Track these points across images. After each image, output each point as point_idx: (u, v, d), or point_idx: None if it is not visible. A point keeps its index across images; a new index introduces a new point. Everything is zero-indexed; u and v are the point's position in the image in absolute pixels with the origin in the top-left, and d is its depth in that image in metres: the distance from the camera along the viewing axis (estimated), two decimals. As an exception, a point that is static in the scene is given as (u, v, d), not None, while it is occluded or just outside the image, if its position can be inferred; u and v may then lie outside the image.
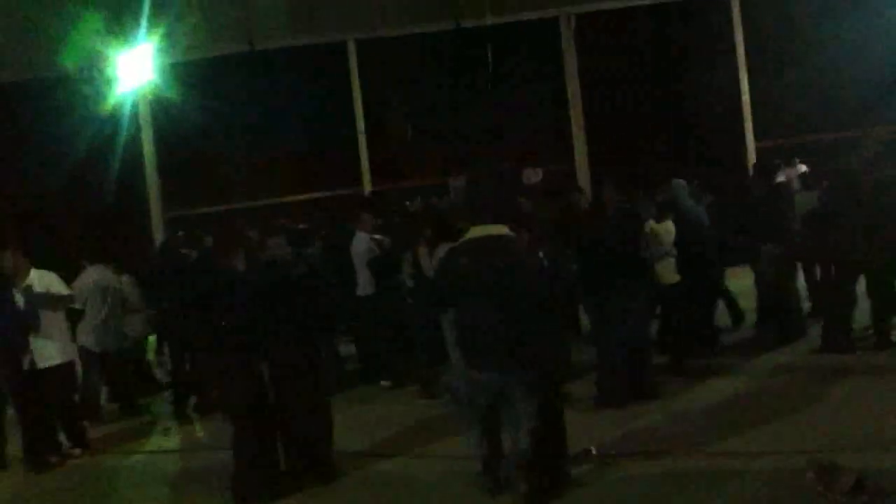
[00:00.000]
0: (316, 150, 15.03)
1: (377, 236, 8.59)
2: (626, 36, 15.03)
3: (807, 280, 9.20)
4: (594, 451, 5.70)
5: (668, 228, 7.70)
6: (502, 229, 4.98)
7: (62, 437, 7.24)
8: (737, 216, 8.77)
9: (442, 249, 7.00)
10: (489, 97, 14.34)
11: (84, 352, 8.29)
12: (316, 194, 15.02)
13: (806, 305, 8.81)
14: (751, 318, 9.01)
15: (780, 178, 12.64)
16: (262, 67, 14.39)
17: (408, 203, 13.31)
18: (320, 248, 9.12)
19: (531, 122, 14.95)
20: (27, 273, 6.98)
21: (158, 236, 14.13)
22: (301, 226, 10.01)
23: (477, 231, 5.05)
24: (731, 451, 5.57)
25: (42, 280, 7.04)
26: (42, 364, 6.86)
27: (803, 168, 12.56)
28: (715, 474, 5.25)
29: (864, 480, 4.58)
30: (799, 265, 8.89)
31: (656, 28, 15.03)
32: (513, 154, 14.47)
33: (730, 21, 14.92)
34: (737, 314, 9.14)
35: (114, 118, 13.76)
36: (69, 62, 13.71)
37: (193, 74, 14.02)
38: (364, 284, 8.50)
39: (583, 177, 14.76)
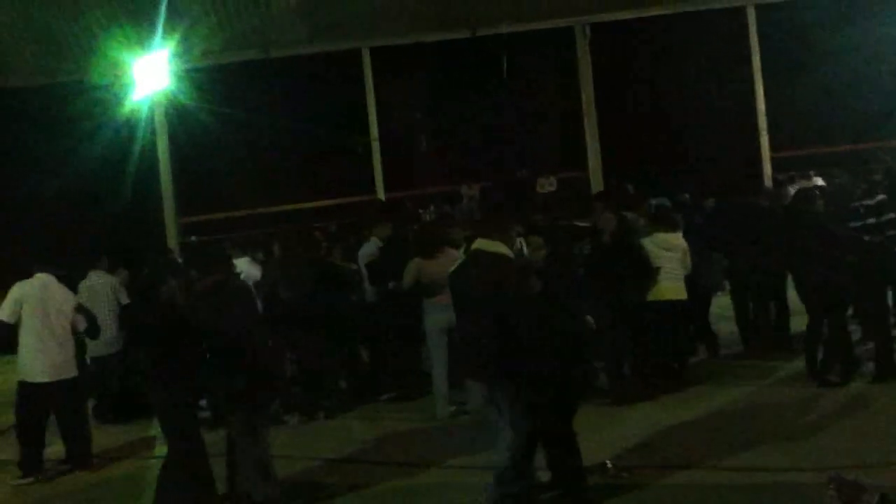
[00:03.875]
0: (330, 157, 15.09)
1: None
2: (641, 45, 15.02)
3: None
4: (609, 465, 5.66)
5: (657, 242, 7.63)
6: (497, 246, 5.02)
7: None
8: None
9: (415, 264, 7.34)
10: (504, 106, 14.34)
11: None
12: (329, 201, 15.06)
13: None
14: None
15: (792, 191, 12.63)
16: (278, 75, 14.45)
17: (421, 211, 13.35)
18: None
19: (545, 130, 14.96)
20: None
21: (173, 242, 14.18)
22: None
23: (474, 245, 5.21)
24: (745, 465, 5.53)
25: None
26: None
27: (819, 181, 12.48)
28: (732, 489, 5.22)
29: (887, 498, 4.53)
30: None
31: (671, 38, 15.01)
32: (527, 163, 14.48)
33: (745, 31, 14.88)
34: None
35: (130, 124, 13.82)
36: (85, 67, 13.82)
37: (209, 80, 14.07)
38: (370, 291, 8.50)
39: (596, 186, 14.73)
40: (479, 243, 5.14)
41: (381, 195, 14.67)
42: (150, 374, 5.66)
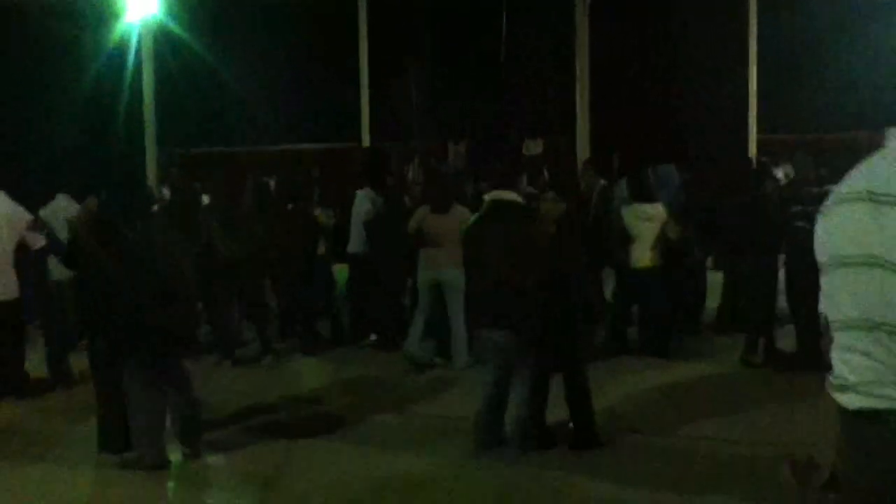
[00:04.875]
0: (317, 100, 14.88)
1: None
2: (641, 16, 14.87)
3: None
4: (571, 426, 5.74)
5: (636, 213, 7.70)
6: (512, 195, 5.32)
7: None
8: None
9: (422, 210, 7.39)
10: (498, 64, 14.20)
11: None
12: (313, 145, 14.91)
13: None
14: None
15: (779, 174, 12.66)
16: (270, 11, 14.18)
17: (405, 165, 13.24)
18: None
19: (537, 92, 14.85)
20: None
21: (152, 174, 14.01)
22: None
23: (490, 195, 5.47)
24: (705, 435, 5.64)
25: None
26: None
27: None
28: (689, 455, 5.31)
29: (836, 477, 4.60)
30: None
31: (670, 12, 14.87)
32: (515, 122, 14.39)
33: (745, 11, 14.79)
34: None
35: (118, 48, 13.55)
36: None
37: (200, 11, 13.79)
38: (356, 242, 8.46)
39: (582, 151, 14.68)
40: (495, 194, 5.34)
41: (366, 144, 14.54)
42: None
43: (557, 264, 5.28)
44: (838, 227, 2.11)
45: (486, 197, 5.58)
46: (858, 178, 2.11)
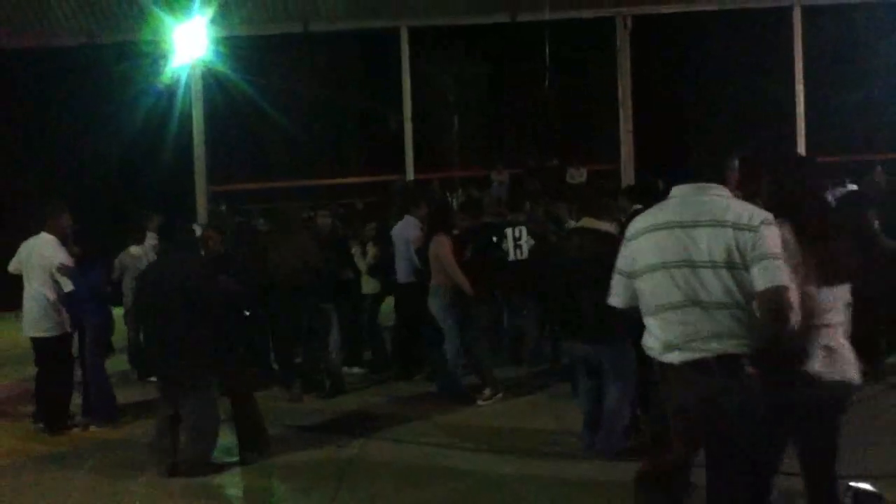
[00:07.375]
0: (361, 135, 15.08)
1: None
2: (682, 41, 14.81)
3: None
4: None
5: None
6: (602, 224, 5.54)
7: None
8: None
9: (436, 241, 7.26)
10: (539, 93, 14.23)
11: None
12: (358, 178, 15.05)
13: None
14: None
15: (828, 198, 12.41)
16: (315, 49, 14.44)
17: (448, 194, 13.31)
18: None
19: (579, 119, 14.84)
20: None
21: (201, 209, 14.27)
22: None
23: (581, 222, 5.73)
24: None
25: None
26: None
27: (853, 188, 12.25)
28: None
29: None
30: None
31: (714, 35, 14.77)
32: (558, 151, 14.39)
33: (790, 33, 14.65)
34: None
35: (168, 89, 13.89)
36: (126, 29, 13.91)
37: (247, 50, 14.11)
38: (406, 272, 8.40)
39: (627, 177, 14.61)
40: (586, 221, 5.61)
41: (411, 175, 14.65)
42: None
43: None
44: (654, 245, 3.29)
45: (575, 224, 5.91)
46: (661, 216, 3.32)
